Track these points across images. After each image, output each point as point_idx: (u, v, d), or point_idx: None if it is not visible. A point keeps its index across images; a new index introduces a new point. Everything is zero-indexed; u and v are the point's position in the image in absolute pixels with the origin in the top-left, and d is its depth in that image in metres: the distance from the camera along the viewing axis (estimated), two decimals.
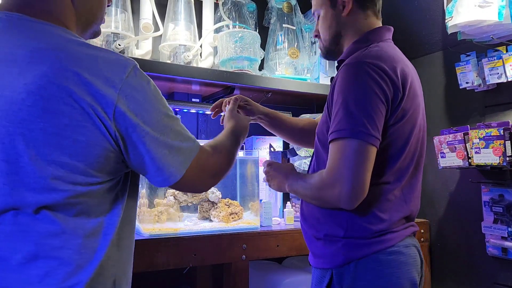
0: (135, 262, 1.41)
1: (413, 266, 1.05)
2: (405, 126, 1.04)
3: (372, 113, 0.96)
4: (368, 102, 0.96)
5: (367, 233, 1.02)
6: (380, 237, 1.02)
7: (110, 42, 1.73)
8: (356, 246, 1.02)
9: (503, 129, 1.65)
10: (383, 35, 1.14)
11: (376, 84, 0.97)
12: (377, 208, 1.03)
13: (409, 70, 1.08)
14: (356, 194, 0.95)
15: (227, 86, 1.94)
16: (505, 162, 1.63)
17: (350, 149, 0.95)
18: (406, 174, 1.07)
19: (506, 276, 1.79)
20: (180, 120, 0.93)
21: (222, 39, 1.95)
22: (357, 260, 1.01)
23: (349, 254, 1.02)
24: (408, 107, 1.04)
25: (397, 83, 1.00)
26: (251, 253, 1.62)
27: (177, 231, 1.57)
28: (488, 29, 1.69)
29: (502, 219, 1.75)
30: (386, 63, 1.00)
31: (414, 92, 1.08)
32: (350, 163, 0.95)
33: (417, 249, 1.09)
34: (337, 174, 0.96)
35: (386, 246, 1.02)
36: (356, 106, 0.97)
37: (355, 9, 1.14)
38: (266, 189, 2.04)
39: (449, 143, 1.85)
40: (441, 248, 2.10)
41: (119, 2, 1.81)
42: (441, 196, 2.11)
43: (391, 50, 1.08)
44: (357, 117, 0.96)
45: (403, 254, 1.03)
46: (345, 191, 0.95)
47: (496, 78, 1.73)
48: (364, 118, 0.95)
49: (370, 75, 0.98)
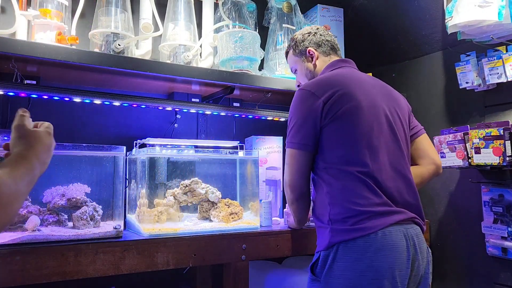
0: (136, 262, 1.42)
1: (394, 252, 1.18)
2: (340, 119, 1.30)
3: (304, 126, 1.33)
4: (301, 118, 1.34)
5: (347, 222, 1.21)
6: (359, 225, 1.19)
7: (110, 42, 1.73)
8: (339, 232, 1.22)
9: (503, 129, 1.65)
10: (334, 65, 1.53)
11: (305, 103, 1.35)
12: (353, 198, 1.23)
13: (345, 83, 1.37)
14: (293, 188, 1.39)
15: (227, 86, 1.94)
16: (505, 162, 1.63)
17: (291, 156, 1.37)
18: (371, 161, 1.26)
19: (506, 276, 1.79)
20: None
21: (222, 39, 1.95)
22: (338, 243, 1.21)
23: (333, 239, 1.22)
24: (338, 105, 1.31)
25: (320, 97, 1.32)
26: (251, 253, 1.62)
27: (177, 231, 1.57)
28: (488, 29, 1.69)
29: (502, 219, 1.75)
30: (314, 86, 1.36)
31: (349, 97, 1.33)
32: (290, 167, 1.38)
33: (403, 236, 1.21)
34: (285, 176, 1.42)
35: (365, 233, 1.18)
36: (295, 123, 1.36)
37: (320, 56, 1.58)
38: (266, 189, 2.03)
39: (449, 143, 1.85)
40: (441, 248, 2.10)
41: (119, 2, 1.81)
42: (441, 196, 2.11)
43: (336, 71, 1.47)
44: (295, 133, 1.36)
45: (379, 241, 1.18)
46: (286, 185, 1.41)
47: (496, 78, 1.73)
48: (300, 132, 1.34)
49: (299, 100, 1.37)
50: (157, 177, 1.79)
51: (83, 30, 1.87)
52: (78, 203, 1.52)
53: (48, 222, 1.47)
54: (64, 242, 1.36)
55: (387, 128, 1.34)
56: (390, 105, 1.39)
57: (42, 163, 0.85)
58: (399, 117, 1.40)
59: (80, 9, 1.78)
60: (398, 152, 1.33)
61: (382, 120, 1.33)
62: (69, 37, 1.62)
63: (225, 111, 2.06)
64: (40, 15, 1.63)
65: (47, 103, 1.88)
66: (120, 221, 1.57)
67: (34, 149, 0.85)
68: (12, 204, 0.72)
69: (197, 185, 1.79)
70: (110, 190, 1.64)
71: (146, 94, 2.08)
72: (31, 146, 0.86)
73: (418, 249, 1.24)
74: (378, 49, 2.45)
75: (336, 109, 1.30)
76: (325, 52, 1.57)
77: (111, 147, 1.59)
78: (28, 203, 1.48)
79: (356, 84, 1.38)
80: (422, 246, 1.27)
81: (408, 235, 1.22)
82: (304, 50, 1.58)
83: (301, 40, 1.59)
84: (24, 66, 1.61)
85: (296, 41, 1.60)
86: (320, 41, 1.57)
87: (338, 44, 1.63)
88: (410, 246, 1.21)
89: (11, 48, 1.41)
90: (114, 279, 1.90)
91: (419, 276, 1.25)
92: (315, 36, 1.58)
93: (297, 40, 1.60)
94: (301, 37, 1.60)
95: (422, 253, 1.26)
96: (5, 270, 1.23)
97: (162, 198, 1.77)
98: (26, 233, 1.37)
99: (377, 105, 1.35)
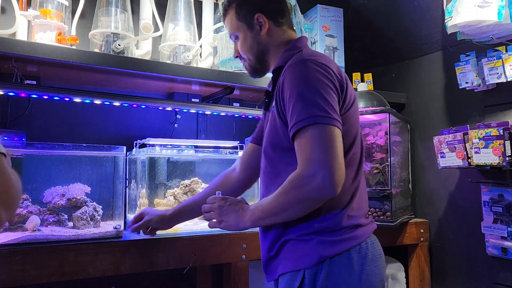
0: (136, 262, 1.42)
1: (381, 263, 1.06)
2: (352, 116, 1.08)
3: (329, 99, 0.98)
4: (322, 90, 0.98)
5: (338, 230, 1.01)
6: (351, 233, 1.02)
7: (110, 42, 1.73)
8: (330, 244, 1.00)
9: (503, 129, 1.65)
10: (304, 43, 1.19)
11: (323, 75, 1.01)
12: (343, 202, 1.03)
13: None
14: (339, 177, 0.93)
15: (226, 86, 1.94)
16: (505, 162, 1.63)
17: (319, 135, 0.94)
18: (360, 166, 1.10)
19: (505, 276, 1.79)
20: None
21: (222, 39, 1.95)
22: (330, 258, 0.99)
23: (324, 252, 0.99)
24: (349, 100, 1.07)
25: (338, 76, 1.05)
26: (251, 253, 1.62)
27: (177, 231, 1.57)
28: (487, 29, 1.69)
29: (502, 219, 1.75)
30: (326, 60, 1.06)
31: (351, 90, 1.11)
32: (324, 148, 0.93)
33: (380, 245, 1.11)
34: (314, 163, 0.93)
35: (357, 242, 1.02)
36: (313, 95, 0.97)
37: (272, 27, 1.20)
38: None
39: (448, 143, 1.85)
40: (441, 248, 2.10)
41: (119, 2, 1.81)
42: (440, 196, 2.11)
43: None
44: (317, 104, 0.96)
45: (370, 251, 1.04)
46: (328, 176, 0.92)
47: (496, 78, 1.73)
48: (324, 104, 0.97)
49: (316, 69, 1.01)
50: (157, 177, 1.80)
51: (83, 30, 1.87)
52: (78, 203, 1.52)
53: (48, 222, 1.47)
54: (64, 242, 1.36)
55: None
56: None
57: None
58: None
59: (80, 9, 1.78)
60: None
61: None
62: (69, 37, 1.62)
63: (225, 111, 2.06)
64: (40, 15, 1.63)
65: (47, 103, 1.88)
66: (120, 221, 1.57)
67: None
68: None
69: (197, 185, 1.79)
70: (110, 190, 1.64)
71: (146, 94, 2.08)
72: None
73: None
74: (378, 49, 2.46)
75: (350, 98, 1.08)
76: (278, 24, 1.21)
77: (111, 147, 1.60)
78: (28, 203, 1.48)
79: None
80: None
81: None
82: (251, 16, 1.20)
83: (249, 0, 1.21)
84: (24, 66, 1.62)
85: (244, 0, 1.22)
86: (276, 6, 1.22)
87: (290, 8, 1.29)
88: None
89: (11, 48, 1.41)
90: (114, 279, 1.90)
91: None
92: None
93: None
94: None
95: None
96: (5, 270, 1.23)
97: (162, 198, 1.77)
98: (26, 233, 1.37)
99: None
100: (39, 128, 1.87)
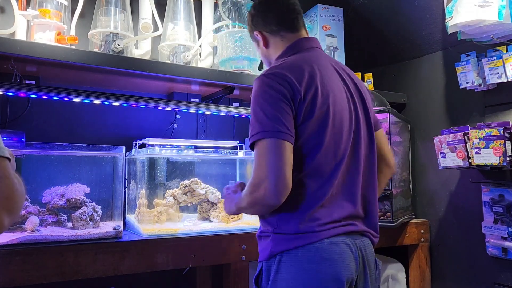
0: (136, 263, 1.41)
1: (339, 263, 1.07)
2: (314, 123, 1.08)
3: (277, 113, 1.04)
4: (271, 105, 1.05)
5: (292, 230, 1.07)
6: (304, 234, 1.07)
7: (109, 42, 1.73)
8: (281, 241, 1.08)
9: (503, 129, 1.65)
10: (301, 46, 1.22)
11: (274, 88, 1.06)
12: (304, 207, 1.08)
13: (320, 71, 1.13)
14: (280, 188, 1.01)
15: (226, 86, 1.94)
16: (505, 162, 1.63)
17: (265, 148, 1.03)
18: (335, 172, 1.10)
19: (506, 276, 1.79)
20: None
21: (222, 39, 1.95)
22: (281, 253, 1.08)
23: (274, 248, 1.09)
24: (314, 106, 1.08)
25: (295, 85, 1.07)
26: (250, 253, 1.62)
27: (177, 231, 1.57)
28: (488, 29, 1.69)
29: (502, 219, 1.75)
30: (284, 70, 1.09)
31: (326, 92, 1.11)
32: (268, 161, 1.02)
33: (350, 246, 1.10)
34: (259, 174, 1.03)
35: (307, 242, 1.06)
36: (262, 111, 1.05)
37: (269, 37, 1.25)
38: None
39: (449, 143, 1.85)
40: (441, 248, 2.10)
41: (118, 2, 1.81)
42: (441, 196, 2.11)
43: (300, 58, 1.16)
44: (264, 120, 1.04)
45: (325, 250, 1.06)
46: (270, 187, 1.01)
47: (496, 78, 1.73)
48: (271, 119, 1.04)
49: (268, 83, 1.07)
50: (156, 178, 1.79)
51: (82, 30, 1.87)
52: (78, 203, 1.52)
53: (48, 222, 1.47)
54: (64, 242, 1.36)
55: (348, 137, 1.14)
56: (356, 106, 1.20)
57: None
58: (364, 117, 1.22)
59: (79, 9, 1.78)
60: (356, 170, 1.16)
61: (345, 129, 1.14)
62: (68, 37, 1.61)
63: (225, 111, 2.06)
64: (39, 15, 1.63)
65: (47, 103, 1.88)
66: (119, 221, 1.56)
67: None
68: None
69: (197, 185, 1.79)
70: (110, 191, 1.64)
71: (146, 94, 2.07)
72: None
73: (366, 261, 1.15)
74: (378, 49, 2.45)
75: (312, 106, 1.08)
76: (273, 32, 1.24)
77: (111, 147, 1.59)
78: (27, 204, 1.48)
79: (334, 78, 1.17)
80: (370, 258, 1.17)
81: (356, 246, 1.12)
82: (252, 34, 1.29)
83: (249, 22, 1.30)
84: (24, 66, 1.61)
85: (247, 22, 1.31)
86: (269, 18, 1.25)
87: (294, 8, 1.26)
88: (358, 258, 1.12)
89: (10, 48, 1.41)
90: (114, 279, 1.90)
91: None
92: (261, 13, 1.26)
93: (247, 22, 1.31)
94: (249, 19, 1.30)
95: (370, 266, 1.16)
96: (5, 270, 1.23)
97: (162, 199, 1.77)
98: (26, 233, 1.37)
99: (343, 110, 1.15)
100: (38, 128, 1.86)
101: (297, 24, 1.26)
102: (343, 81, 1.20)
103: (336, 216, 1.10)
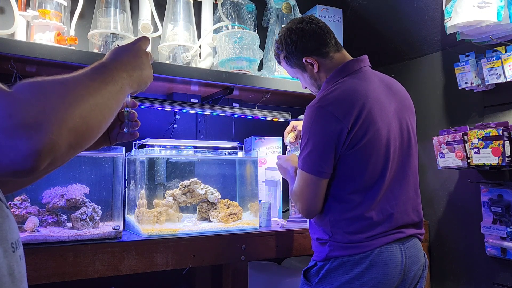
0: (135, 263, 1.41)
1: (386, 269, 1.20)
2: (362, 149, 1.21)
3: (324, 153, 1.21)
4: (320, 143, 1.21)
5: (346, 240, 1.23)
6: (356, 244, 1.22)
7: (109, 42, 1.73)
8: (337, 248, 1.24)
9: (502, 129, 1.65)
10: (350, 68, 1.33)
11: (324, 126, 1.21)
12: (353, 220, 1.23)
13: (368, 97, 1.23)
14: (309, 213, 1.28)
15: (226, 87, 1.94)
16: (504, 162, 1.63)
17: (308, 180, 1.25)
18: (379, 188, 1.23)
19: (505, 276, 1.79)
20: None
21: (221, 40, 1.95)
22: (335, 258, 1.24)
23: (331, 253, 1.25)
24: (361, 134, 1.21)
25: (344, 119, 1.19)
26: (250, 253, 1.62)
27: (176, 231, 1.57)
28: (487, 29, 1.69)
29: (501, 219, 1.75)
30: (334, 105, 1.21)
31: (372, 119, 1.22)
32: (307, 189, 1.26)
33: (397, 253, 1.23)
34: (297, 191, 1.29)
35: (358, 251, 1.21)
36: (313, 144, 1.22)
37: (320, 60, 1.35)
38: (265, 189, 2.03)
39: (448, 143, 1.85)
40: (440, 248, 2.10)
41: (118, 2, 1.81)
42: (440, 196, 2.11)
43: (351, 84, 1.26)
44: (313, 156, 1.22)
45: (374, 258, 1.20)
46: (301, 209, 1.29)
47: (495, 79, 1.73)
48: (319, 157, 1.22)
49: (321, 117, 1.21)
50: (156, 178, 1.79)
51: (82, 31, 1.87)
52: (77, 203, 1.52)
53: (47, 222, 1.47)
54: (63, 243, 1.36)
55: (394, 152, 1.26)
56: (404, 123, 1.31)
57: (131, 76, 0.73)
58: (409, 135, 1.32)
59: (79, 9, 1.78)
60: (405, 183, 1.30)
61: (393, 149, 1.26)
62: (68, 38, 1.62)
63: (224, 112, 2.06)
64: (39, 15, 1.63)
65: None
66: (119, 221, 1.57)
67: (126, 63, 0.73)
68: (90, 109, 0.60)
69: (196, 186, 1.79)
70: (109, 191, 1.64)
71: (145, 95, 2.08)
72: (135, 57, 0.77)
73: (415, 258, 1.28)
74: (377, 50, 2.46)
75: (358, 138, 1.20)
76: (324, 55, 1.34)
77: (110, 148, 1.59)
78: (27, 204, 1.48)
79: (375, 102, 1.25)
80: (419, 254, 1.31)
81: (404, 252, 1.25)
82: (300, 61, 1.37)
83: (292, 51, 1.36)
84: (23, 66, 1.61)
85: (287, 52, 1.38)
86: (313, 42, 1.34)
87: (330, 30, 1.38)
88: (404, 260, 1.24)
89: (10, 49, 1.41)
90: (114, 279, 1.90)
91: (414, 283, 1.29)
92: (303, 40, 1.34)
93: (288, 51, 1.37)
94: (292, 48, 1.36)
95: (420, 260, 1.31)
96: None
97: (161, 199, 1.77)
98: (25, 233, 1.37)
99: (392, 129, 1.26)
100: None
101: (338, 43, 1.39)
102: (389, 98, 1.30)
103: (384, 228, 1.23)
